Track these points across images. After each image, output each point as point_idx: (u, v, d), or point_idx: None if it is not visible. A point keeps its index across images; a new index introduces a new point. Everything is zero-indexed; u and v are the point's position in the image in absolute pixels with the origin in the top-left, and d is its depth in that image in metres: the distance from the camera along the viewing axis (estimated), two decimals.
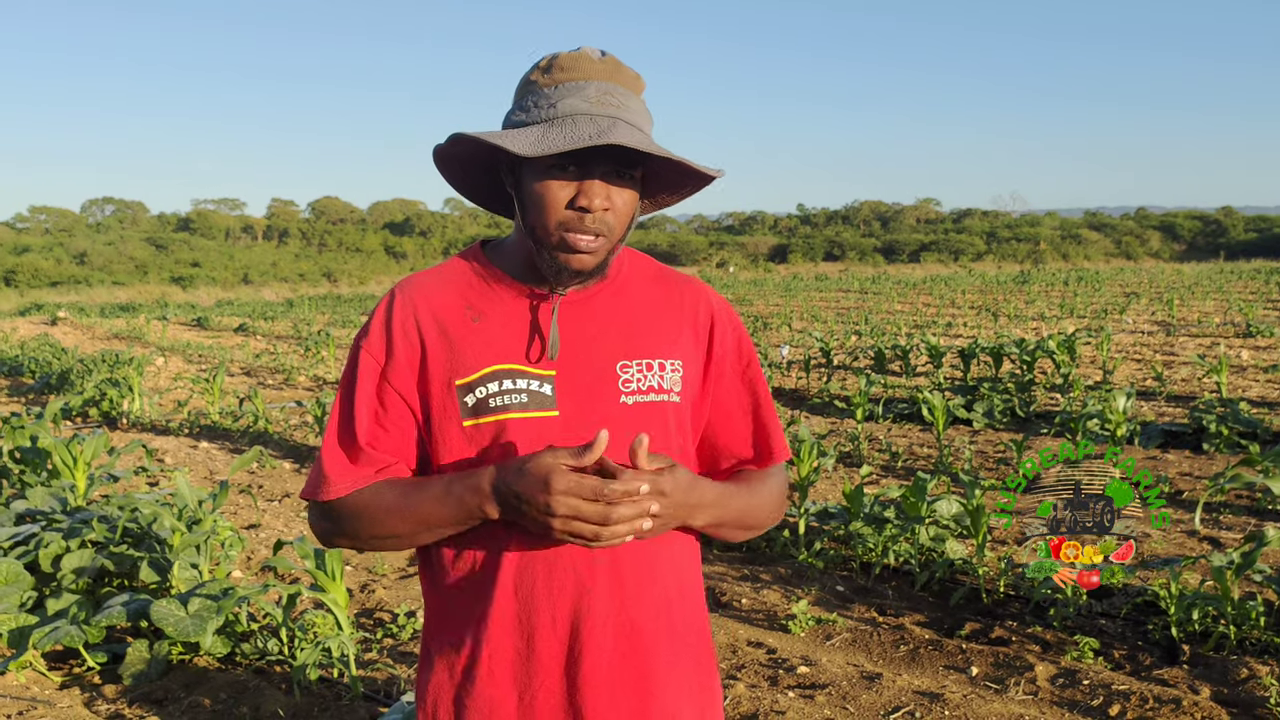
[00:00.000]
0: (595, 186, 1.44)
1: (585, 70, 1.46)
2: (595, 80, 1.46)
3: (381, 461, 1.51)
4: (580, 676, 1.48)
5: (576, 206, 1.44)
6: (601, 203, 1.45)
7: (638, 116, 1.48)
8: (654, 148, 1.43)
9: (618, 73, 1.49)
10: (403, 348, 1.51)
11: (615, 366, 1.52)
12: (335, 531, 1.55)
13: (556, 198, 1.45)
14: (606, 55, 1.50)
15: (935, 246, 67.31)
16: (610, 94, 1.46)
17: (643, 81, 1.53)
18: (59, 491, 5.79)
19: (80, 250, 60.86)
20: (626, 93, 1.48)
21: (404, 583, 5.41)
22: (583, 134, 1.40)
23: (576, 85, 1.45)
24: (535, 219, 1.47)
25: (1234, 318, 19.35)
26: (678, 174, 1.55)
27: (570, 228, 1.45)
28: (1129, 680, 3.83)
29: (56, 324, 30.77)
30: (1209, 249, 63.89)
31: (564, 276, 1.49)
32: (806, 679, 3.96)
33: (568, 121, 1.43)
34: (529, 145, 1.40)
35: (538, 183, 1.45)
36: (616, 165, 1.46)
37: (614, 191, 1.46)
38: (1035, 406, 10.07)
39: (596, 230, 1.46)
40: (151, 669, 4.03)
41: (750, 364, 1.66)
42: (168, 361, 18.07)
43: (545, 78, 1.47)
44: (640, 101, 1.51)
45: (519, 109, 1.49)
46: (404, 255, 70.16)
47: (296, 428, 10.60)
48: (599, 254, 1.48)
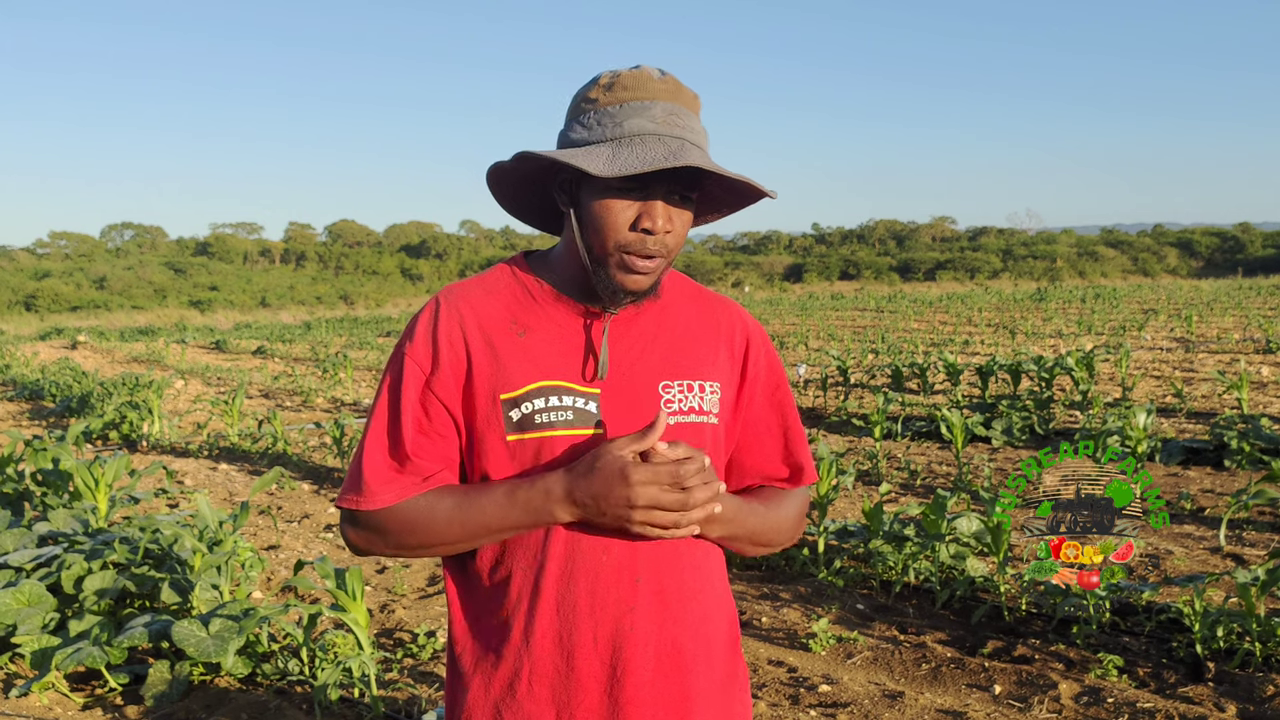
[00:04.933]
0: (659, 208, 1.44)
1: (649, 90, 1.46)
2: (660, 100, 1.46)
3: (428, 470, 1.49)
4: (623, 696, 1.47)
5: (640, 228, 1.44)
6: (664, 225, 1.44)
7: (700, 137, 1.47)
8: (726, 171, 1.44)
9: (679, 93, 1.48)
10: (449, 358, 1.50)
11: (658, 386, 1.52)
12: (377, 541, 1.52)
13: (620, 218, 1.44)
14: (666, 74, 1.49)
15: (951, 265, 67.18)
16: (676, 115, 1.45)
17: (699, 101, 1.52)
18: (81, 513, 5.82)
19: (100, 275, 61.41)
20: (689, 114, 1.48)
21: (424, 602, 5.41)
22: (655, 155, 1.39)
23: (642, 105, 1.45)
24: (594, 238, 1.46)
25: (1253, 334, 19.21)
26: (729, 193, 1.55)
27: (631, 249, 1.45)
28: (1154, 698, 3.79)
29: (77, 348, 31.00)
30: (1227, 265, 63.56)
31: (619, 296, 1.49)
32: (828, 698, 3.94)
33: (636, 142, 1.42)
34: (602, 165, 1.39)
35: (598, 202, 1.44)
36: (680, 187, 1.45)
37: (675, 213, 1.46)
38: (1054, 424, 10.02)
39: (656, 252, 1.46)
40: (173, 690, 4.04)
41: (780, 386, 1.67)
42: (187, 384, 18.19)
43: (607, 95, 1.46)
44: (699, 121, 1.50)
45: (579, 125, 1.48)
46: (420, 277, 70.47)
47: (315, 449, 10.63)
48: (655, 275, 1.48)
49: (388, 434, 1.50)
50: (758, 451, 1.64)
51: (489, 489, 1.46)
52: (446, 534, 1.48)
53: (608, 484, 1.39)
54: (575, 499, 1.42)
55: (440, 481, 1.50)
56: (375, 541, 1.52)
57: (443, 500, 1.47)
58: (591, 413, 1.48)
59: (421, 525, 1.48)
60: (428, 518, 1.47)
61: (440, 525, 1.47)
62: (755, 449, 1.64)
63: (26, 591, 4.42)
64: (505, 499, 1.45)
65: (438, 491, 1.49)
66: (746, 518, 1.55)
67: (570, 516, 1.43)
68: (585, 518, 1.43)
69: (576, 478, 1.41)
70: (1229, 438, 8.19)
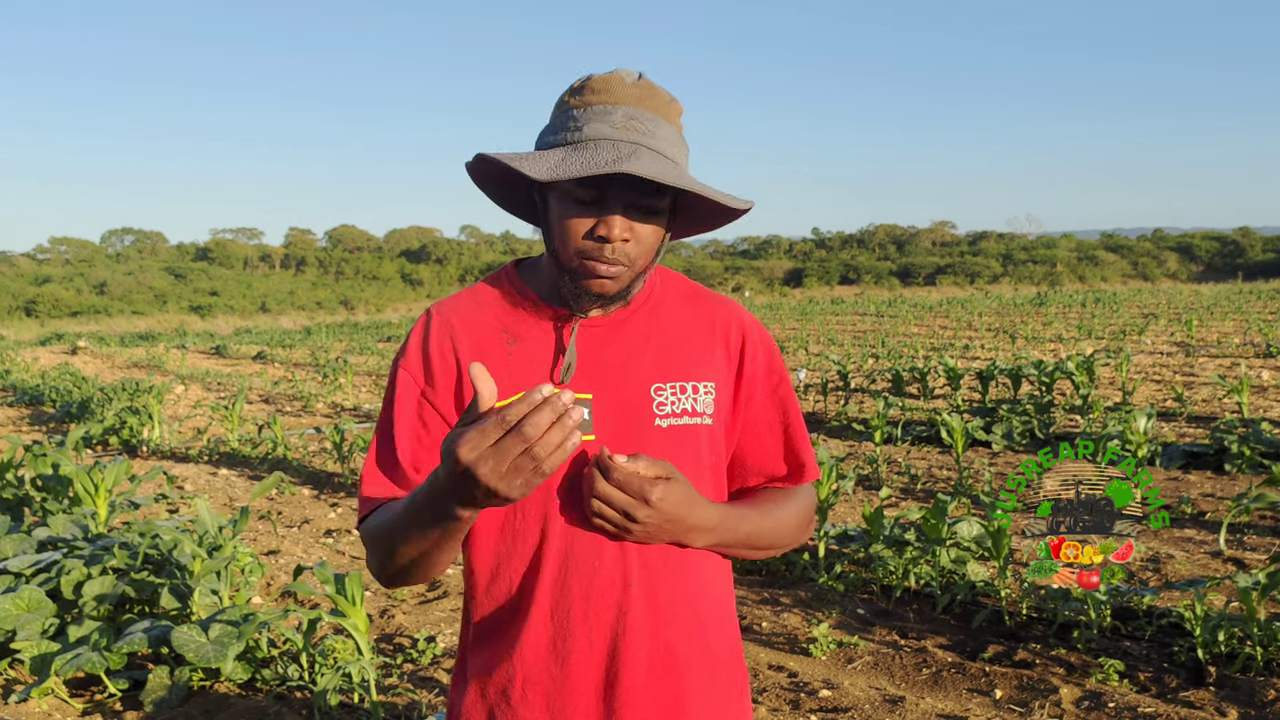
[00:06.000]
0: (615, 219, 1.41)
1: (616, 94, 1.43)
2: (624, 105, 1.42)
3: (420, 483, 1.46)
4: (617, 700, 1.46)
5: (595, 236, 1.41)
6: (621, 233, 1.41)
7: (667, 144, 1.42)
8: (673, 178, 1.36)
9: (650, 97, 1.45)
10: (440, 370, 1.50)
11: (650, 389, 1.51)
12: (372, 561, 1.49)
13: (576, 225, 1.42)
14: (642, 79, 1.46)
15: (951, 269, 67.16)
16: (637, 120, 1.41)
17: (678, 106, 1.48)
18: (80, 519, 5.82)
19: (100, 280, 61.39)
20: (655, 119, 1.43)
21: (423, 607, 5.41)
22: (602, 160, 1.35)
23: (604, 109, 1.42)
24: (559, 244, 1.45)
25: (1253, 338, 19.21)
26: (708, 204, 1.50)
27: (589, 256, 1.42)
28: (1155, 703, 3.79)
29: (77, 353, 30.99)
30: (1227, 269, 63.58)
31: (584, 300, 1.47)
32: (829, 702, 3.94)
33: (589, 146, 1.38)
34: (546, 169, 1.37)
35: (559, 207, 1.43)
36: (639, 195, 1.41)
37: (636, 223, 1.43)
38: (1055, 428, 10.01)
39: (617, 260, 1.43)
40: (172, 695, 4.03)
41: (781, 382, 1.65)
42: (187, 389, 18.19)
43: (576, 99, 1.44)
44: (673, 129, 1.46)
45: (550, 129, 1.46)
46: (420, 282, 70.47)
47: (315, 454, 10.63)
48: (620, 280, 1.45)
49: (388, 449, 1.50)
50: (759, 449, 1.62)
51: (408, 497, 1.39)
52: (389, 545, 1.41)
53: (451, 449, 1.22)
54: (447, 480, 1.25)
55: None
56: (370, 562, 1.51)
57: (380, 513, 1.46)
58: (584, 419, 1.46)
59: (372, 539, 1.46)
60: (373, 534, 1.46)
61: (381, 537, 1.43)
62: (756, 446, 1.62)
63: (26, 597, 4.42)
64: (408, 501, 1.37)
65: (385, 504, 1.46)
66: (737, 524, 1.52)
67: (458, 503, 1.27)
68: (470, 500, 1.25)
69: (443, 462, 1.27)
70: (1229, 442, 8.19)
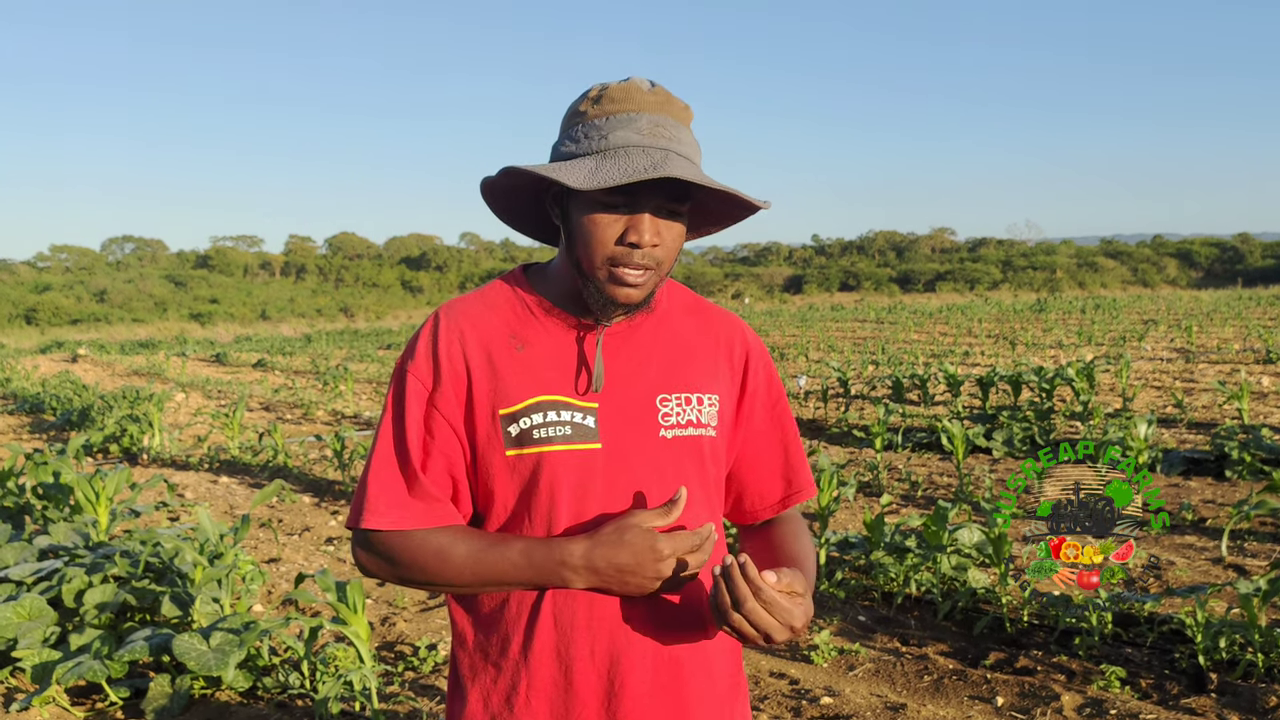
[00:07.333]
0: (645, 221, 1.42)
1: (636, 102, 1.44)
2: (646, 112, 1.44)
3: (434, 489, 1.48)
4: (620, 709, 1.47)
5: (626, 242, 1.42)
6: (651, 238, 1.43)
7: (689, 149, 1.45)
8: (709, 181, 1.41)
9: (669, 104, 1.47)
10: (449, 374, 1.49)
11: (655, 399, 1.51)
12: (385, 568, 1.50)
13: (606, 232, 1.43)
14: (656, 86, 1.48)
15: (951, 276, 67.23)
16: (662, 126, 1.43)
17: (691, 112, 1.51)
18: (81, 527, 5.82)
19: (100, 288, 61.47)
20: (677, 125, 1.46)
21: (425, 615, 5.41)
22: (637, 167, 1.37)
23: (628, 117, 1.43)
24: (583, 252, 1.45)
25: (1254, 344, 19.22)
26: (724, 205, 1.53)
27: (619, 262, 1.43)
28: (1156, 709, 3.79)
29: (77, 361, 31.01)
30: (1226, 276, 63.64)
31: (610, 309, 1.48)
32: (830, 710, 3.94)
33: (620, 154, 1.41)
34: (583, 178, 1.38)
35: (586, 216, 1.43)
36: (667, 200, 1.43)
37: (664, 226, 1.45)
38: (1055, 434, 10.00)
39: (645, 265, 1.44)
40: (173, 704, 4.03)
41: (779, 401, 1.67)
42: (187, 397, 18.19)
43: (595, 108, 1.45)
44: (690, 133, 1.48)
45: (568, 139, 1.47)
46: (420, 290, 70.55)
47: (316, 462, 10.63)
48: (646, 288, 1.47)
49: (394, 452, 1.49)
50: (757, 466, 1.64)
51: (506, 544, 1.45)
52: (456, 578, 1.47)
53: (638, 558, 1.40)
54: (597, 569, 1.42)
55: (448, 512, 1.49)
56: (383, 568, 1.50)
57: (457, 546, 1.46)
58: (590, 428, 1.47)
59: (433, 567, 1.47)
60: (439, 561, 1.46)
61: (452, 570, 1.46)
62: (755, 464, 1.64)
63: (27, 605, 4.42)
64: (521, 558, 1.44)
65: (452, 534, 1.47)
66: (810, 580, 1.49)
67: (584, 584, 1.43)
68: (599, 585, 1.43)
69: (599, 548, 1.41)
70: (1230, 448, 8.19)
